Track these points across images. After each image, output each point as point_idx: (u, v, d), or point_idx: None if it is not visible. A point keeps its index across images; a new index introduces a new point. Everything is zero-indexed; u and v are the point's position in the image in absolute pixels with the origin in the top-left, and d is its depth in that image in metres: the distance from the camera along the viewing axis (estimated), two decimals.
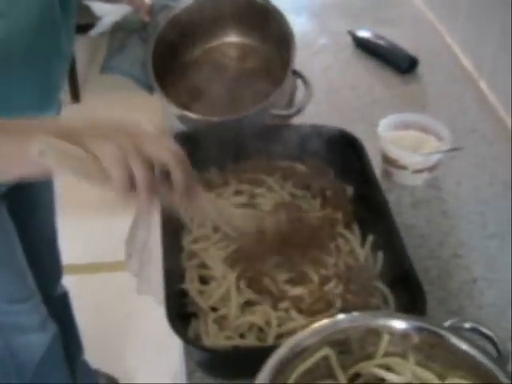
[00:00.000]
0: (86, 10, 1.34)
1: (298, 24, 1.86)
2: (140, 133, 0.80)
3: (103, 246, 2.47)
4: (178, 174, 0.82)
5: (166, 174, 0.82)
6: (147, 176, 0.79)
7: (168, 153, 0.81)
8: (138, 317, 2.30)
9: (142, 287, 1.63)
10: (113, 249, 1.79)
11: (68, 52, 1.24)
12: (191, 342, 0.92)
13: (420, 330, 0.81)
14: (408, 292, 0.96)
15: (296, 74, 1.26)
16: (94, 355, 1.99)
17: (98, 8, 1.37)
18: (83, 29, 1.45)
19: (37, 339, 1.54)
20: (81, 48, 3.24)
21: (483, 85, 1.59)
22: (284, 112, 1.24)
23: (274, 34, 1.31)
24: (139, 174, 0.78)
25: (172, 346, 1.21)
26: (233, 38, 1.42)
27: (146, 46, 1.29)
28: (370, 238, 1.10)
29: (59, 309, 1.77)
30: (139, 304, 1.68)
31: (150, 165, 0.79)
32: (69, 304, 1.84)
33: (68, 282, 1.84)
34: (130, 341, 2.27)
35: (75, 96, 3.38)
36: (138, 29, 1.26)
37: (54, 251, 1.71)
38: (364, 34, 1.75)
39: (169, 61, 1.35)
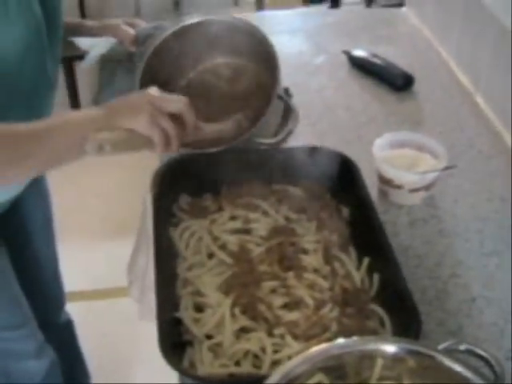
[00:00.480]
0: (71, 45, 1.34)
1: (294, 44, 1.88)
2: (156, 96, 1.05)
3: (106, 272, 2.46)
4: (189, 118, 1.07)
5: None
6: (174, 127, 1.04)
7: (180, 104, 1.06)
8: (142, 342, 2.29)
9: (143, 313, 1.63)
10: (116, 274, 1.79)
11: (54, 79, 1.24)
12: (185, 372, 0.91)
13: (413, 353, 0.81)
14: (404, 314, 0.95)
15: (281, 99, 1.24)
16: (100, 382, 1.98)
17: (82, 42, 1.38)
18: (81, 59, 1.46)
19: (34, 365, 1.53)
20: (83, 77, 3.26)
21: (479, 99, 1.58)
22: (269, 140, 1.22)
23: (262, 57, 1.31)
24: (169, 128, 1.04)
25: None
26: (221, 59, 1.41)
27: (134, 77, 1.29)
28: (366, 261, 1.09)
29: (64, 336, 1.77)
30: (144, 329, 1.67)
31: (171, 117, 1.04)
32: (73, 331, 1.84)
33: (71, 309, 1.83)
34: (135, 366, 2.26)
35: None
36: (125, 60, 1.26)
37: (55, 278, 1.71)
38: (359, 53, 1.75)
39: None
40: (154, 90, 1.07)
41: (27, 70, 1.13)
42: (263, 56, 1.28)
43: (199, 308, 1.03)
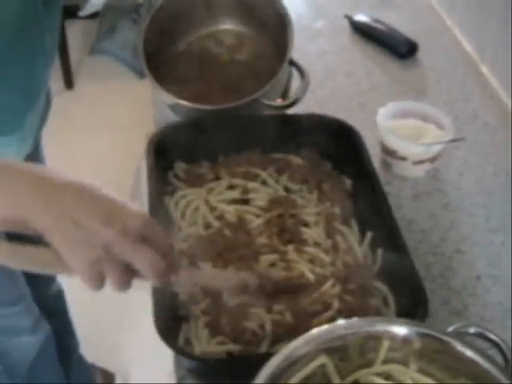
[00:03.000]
0: None
1: (293, 7, 1.80)
2: (126, 231, 0.72)
3: None
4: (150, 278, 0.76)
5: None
6: (119, 278, 0.74)
7: (146, 265, 0.74)
8: (134, 309, 2.25)
9: (136, 282, 1.59)
10: None
11: (52, 51, 1.19)
12: (180, 350, 0.87)
13: (422, 335, 0.77)
14: (409, 293, 0.92)
15: (292, 63, 1.20)
16: (89, 349, 1.95)
17: None
18: (73, 11, 1.40)
19: (29, 340, 1.51)
20: (73, 32, 3.17)
21: (485, 69, 1.53)
22: (278, 103, 1.18)
23: (271, 21, 1.26)
24: (113, 279, 0.73)
25: None
26: (228, 25, 1.36)
27: (138, 29, 1.24)
28: (369, 235, 1.05)
29: (55, 306, 1.74)
30: (135, 296, 1.64)
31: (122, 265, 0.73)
32: (64, 302, 1.81)
33: (60, 276, 1.79)
34: (125, 334, 2.24)
35: (69, 82, 3.32)
36: (130, 11, 1.20)
37: None
38: (361, 18, 1.69)
39: (161, 46, 1.29)
40: (131, 226, 0.73)
41: (25, 45, 1.07)
42: (270, 24, 1.23)
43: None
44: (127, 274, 0.74)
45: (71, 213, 0.71)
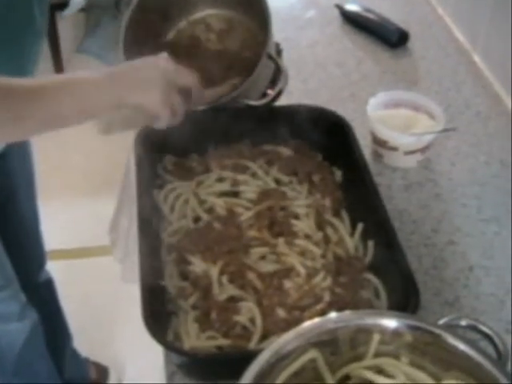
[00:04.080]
0: None
1: None
2: (169, 69, 0.99)
3: (89, 231, 2.40)
4: (197, 92, 1.05)
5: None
6: (182, 103, 1.01)
7: (191, 79, 1.03)
8: (126, 302, 2.24)
9: (127, 275, 1.58)
10: (99, 233, 1.75)
11: (42, 28, 1.17)
12: (170, 345, 0.86)
13: (413, 328, 0.76)
14: (401, 285, 0.91)
15: (271, 59, 1.17)
16: (82, 343, 1.94)
17: None
18: (62, 8, 1.38)
19: (16, 327, 1.50)
20: (64, 28, 3.15)
21: (477, 58, 1.52)
22: (256, 102, 1.16)
23: (255, 12, 1.23)
24: (178, 105, 1.00)
25: None
26: (217, 9, 1.34)
27: (119, 25, 1.21)
28: (360, 227, 1.04)
29: (44, 295, 1.73)
30: (127, 289, 1.63)
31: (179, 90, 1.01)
32: (54, 290, 1.80)
33: (53, 268, 1.78)
34: (119, 328, 2.22)
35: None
36: (112, 6, 1.18)
37: (35, 237, 1.66)
38: (352, 7, 1.68)
39: (145, 39, 1.27)
40: (165, 60, 1.00)
41: (13, 18, 1.05)
42: (256, 11, 1.20)
43: (185, 275, 0.98)
44: (185, 97, 1.03)
45: (130, 78, 0.97)
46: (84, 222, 2.53)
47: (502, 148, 1.27)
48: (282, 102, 1.22)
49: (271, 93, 1.18)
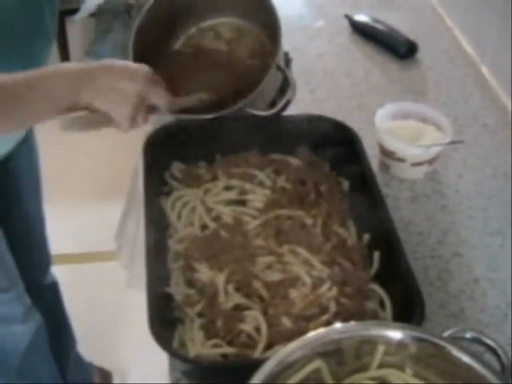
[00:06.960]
0: None
1: (293, 7, 1.81)
2: (146, 88, 1.01)
3: (95, 236, 2.41)
4: (163, 111, 1.07)
5: None
6: (145, 118, 1.03)
7: (162, 100, 1.05)
8: (131, 308, 2.25)
9: (132, 281, 1.59)
10: (104, 238, 1.75)
11: (52, 32, 1.19)
12: (174, 352, 0.87)
13: (417, 340, 0.76)
14: (406, 296, 0.91)
15: (280, 69, 1.18)
16: (87, 348, 1.95)
17: None
18: (72, 13, 1.39)
19: (20, 329, 1.50)
20: (73, 32, 3.16)
21: (485, 70, 1.53)
22: (264, 113, 1.16)
23: (265, 22, 1.24)
24: (142, 119, 1.02)
25: None
26: (227, 18, 1.34)
27: (129, 30, 1.22)
28: (367, 237, 1.04)
29: (49, 298, 1.74)
30: (132, 294, 1.64)
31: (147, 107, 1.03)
32: (59, 293, 1.80)
33: (59, 272, 1.79)
34: (123, 333, 2.22)
35: None
36: (123, 11, 1.18)
37: (41, 239, 1.67)
38: (361, 18, 1.69)
39: (153, 46, 1.27)
40: (144, 75, 1.01)
41: (24, 21, 1.07)
42: (266, 22, 1.21)
43: (191, 283, 0.99)
44: (149, 111, 1.05)
45: (106, 84, 0.98)
46: (90, 226, 2.54)
47: (508, 161, 1.27)
48: (290, 111, 1.23)
49: (279, 103, 1.19)
